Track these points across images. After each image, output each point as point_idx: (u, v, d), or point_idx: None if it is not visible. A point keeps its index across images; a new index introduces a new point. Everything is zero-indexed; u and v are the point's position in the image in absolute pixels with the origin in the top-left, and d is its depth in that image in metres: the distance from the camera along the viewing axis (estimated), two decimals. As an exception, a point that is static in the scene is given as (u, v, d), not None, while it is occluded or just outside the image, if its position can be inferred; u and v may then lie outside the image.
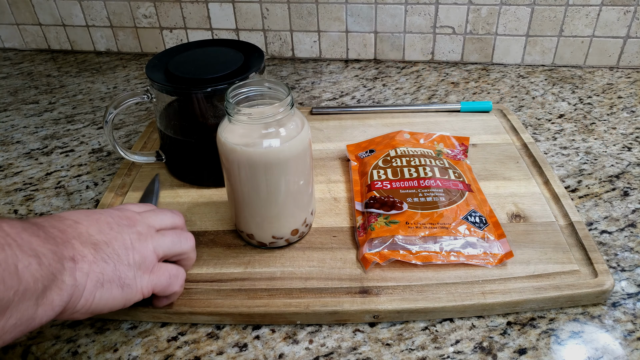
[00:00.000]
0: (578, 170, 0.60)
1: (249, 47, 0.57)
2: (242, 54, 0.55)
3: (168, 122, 0.56)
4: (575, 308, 0.43)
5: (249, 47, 0.57)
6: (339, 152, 0.63)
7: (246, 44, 0.58)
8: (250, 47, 0.57)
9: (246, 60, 0.54)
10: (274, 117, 0.42)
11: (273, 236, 0.47)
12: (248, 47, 0.57)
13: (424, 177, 0.52)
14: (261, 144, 0.42)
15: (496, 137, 0.64)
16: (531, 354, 0.39)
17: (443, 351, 0.40)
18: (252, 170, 0.43)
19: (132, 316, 0.43)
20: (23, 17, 0.96)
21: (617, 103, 0.73)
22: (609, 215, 0.53)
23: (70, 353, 0.41)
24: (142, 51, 0.97)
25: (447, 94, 0.78)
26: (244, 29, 0.90)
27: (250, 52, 0.56)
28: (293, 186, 0.45)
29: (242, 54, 0.55)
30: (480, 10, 0.81)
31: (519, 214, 0.51)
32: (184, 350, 0.41)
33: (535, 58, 0.85)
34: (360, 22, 0.86)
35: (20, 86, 0.87)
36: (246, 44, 0.58)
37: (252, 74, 0.52)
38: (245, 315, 0.42)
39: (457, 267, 0.45)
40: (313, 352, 0.41)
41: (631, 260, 0.47)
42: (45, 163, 0.66)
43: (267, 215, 0.46)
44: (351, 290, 0.44)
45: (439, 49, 0.87)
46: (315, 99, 0.79)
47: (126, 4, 0.91)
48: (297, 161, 0.44)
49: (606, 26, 0.79)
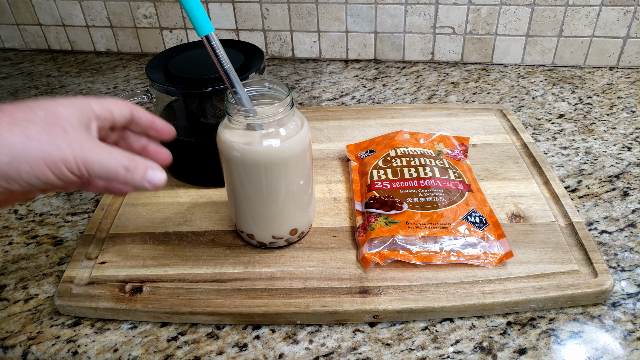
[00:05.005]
0: (578, 170, 0.60)
1: (249, 47, 0.57)
2: (242, 54, 0.55)
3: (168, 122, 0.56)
4: (575, 308, 0.43)
5: (249, 47, 0.57)
6: (339, 152, 0.63)
7: (246, 44, 0.58)
8: (250, 47, 0.57)
9: (246, 60, 0.54)
10: (274, 117, 0.42)
11: (273, 236, 0.47)
12: (248, 47, 0.58)
13: (424, 177, 0.52)
14: (261, 143, 0.42)
15: (496, 137, 0.64)
16: (531, 354, 0.39)
17: (443, 351, 0.40)
18: (252, 170, 0.43)
19: (132, 316, 0.43)
20: (23, 17, 0.96)
21: (617, 103, 0.73)
22: (609, 215, 0.53)
23: (70, 353, 0.41)
24: (142, 51, 0.97)
25: (447, 94, 0.78)
26: (244, 29, 0.90)
27: (250, 52, 0.56)
28: (293, 186, 0.45)
29: (242, 54, 0.55)
30: (480, 10, 0.81)
31: (518, 214, 0.51)
32: (184, 350, 0.41)
33: (535, 58, 0.85)
34: (360, 22, 0.86)
35: (20, 86, 0.87)
36: (246, 44, 0.58)
37: (252, 74, 0.52)
38: (245, 315, 0.43)
39: (457, 267, 0.45)
40: (313, 352, 0.41)
41: (631, 260, 0.47)
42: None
43: (267, 215, 0.46)
44: (351, 290, 0.44)
45: (439, 49, 0.87)
46: (315, 99, 0.79)
47: (126, 4, 0.91)
48: (297, 161, 0.44)
49: (606, 26, 0.79)
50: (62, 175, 0.33)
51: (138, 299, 0.43)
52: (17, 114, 0.32)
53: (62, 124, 0.33)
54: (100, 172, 0.34)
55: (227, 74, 0.42)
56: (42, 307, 0.45)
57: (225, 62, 0.41)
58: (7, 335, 0.43)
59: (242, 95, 0.42)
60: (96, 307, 0.43)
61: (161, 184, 0.37)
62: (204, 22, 0.40)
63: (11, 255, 0.51)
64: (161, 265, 0.47)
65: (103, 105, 0.37)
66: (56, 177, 0.33)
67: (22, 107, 0.33)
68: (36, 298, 0.46)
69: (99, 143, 0.35)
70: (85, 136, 0.34)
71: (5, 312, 0.45)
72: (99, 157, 0.34)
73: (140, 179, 0.36)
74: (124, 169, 0.35)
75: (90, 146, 0.34)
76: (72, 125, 0.33)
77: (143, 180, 0.36)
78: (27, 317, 0.45)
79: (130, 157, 0.35)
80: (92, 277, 0.46)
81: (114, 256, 0.48)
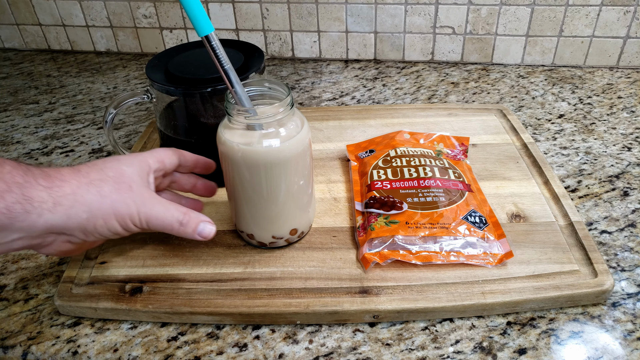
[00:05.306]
0: (578, 170, 0.60)
1: (249, 47, 0.57)
2: (242, 54, 0.55)
3: (168, 122, 0.56)
4: (575, 308, 0.43)
5: (249, 47, 0.57)
6: (339, 152, 0.63)
7: (246, 44, 0.58)
8: (250, 47, 0.57)
9: (246, 60, 0.54)
10: (274, 117, 0.42)
11: (273, 236, 0.47)
12: (248, 47, 0.58)
13: (424, 177, 0.52)
14: (261, 143, 0.42)
15: (496, 137, 0.64)
16: (531, 354, 0.39)
17: (443, 351, 0.40)
18: (252, 170, 0.43)
19: (132, 316, 0.43)
20: (23, 17, 0.96)
21: (617, 103, 0.73)
22: (609, 215, 0.53)
23: (70, 353, 0.41)
24: (142, 51, 0.97)
25: (447, 94, 0.78)
26: (244, 29, 0.90)
27: (250, 52, 0.56)
28: (293, 186, 0.45)
29: (242, 54, 0.55)
30: (480, 10, 0.81)
31: (518, 214, 0.51)
32: (184, 350, 0.41)
33: (535, 58, 0.85)
34: (360, 22, 0.86)
35: (20, 86, 0.87)
36: (246, 44, 0.58)
37: (252, 74, 0.52)
38: (245, 315, 0.42)
39: (457, 267, 0.45)
40: (313, 352, 0.41)
41: (631, 260, 0.47)
42: (45, 163, 0.66)
43: (267, 215, 0.46)
44: (351, 290, 0.44)
45: (439, 49, 0.87)
46: (315, 99, 0.79)
47: (126, 4, 0.91)
48: (297, 161, 0.44)
49: (606, 26, 0.79)
50: (127, 227, 0.39)
51: (138, 299, 0.43)
52: (92, 174, 0.37)
53: (128, 182, 0.38)
54: (157, 226, 0.40)
55: (227, 74, 0.42)
56: (42, 307, 0.45)
57: (226, 62, 0.41)
58: (7, 335, 0.43)
59: (242, 96, 0.42)
60: (96, 307, 0.43)
61: (211, 236, 0.42)
62: (204, 22, 0.40)
63: (11, 255, 0.51)
64: (161, 265, 0.47)
65: (157, 159, 0.43)
66: (122, 229, 0.39)
67: (96, 168, 0.38)
68: (36, 298, 0.46)
69: (158, 198, 0.40)
70: (146, 192, 0.40)
71: (5, 312, 0.45)
72: (157, 213, 0.39)
73: (191, 232, 0.41)
74: (178, 223, 0.40)
75: (151, 202, 0.39)
76: (135, 182, 0.39)
77: (194, 233, 0.41)
78: (27, 317, 0.45)
79: (185, 212, 0.41)
80: (92, 277, 0.46)
81: (114, 256, 0.48)
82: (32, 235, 0.35)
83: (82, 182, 0.36)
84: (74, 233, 0.37)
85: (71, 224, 0.36)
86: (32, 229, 0.34)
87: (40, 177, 0.35)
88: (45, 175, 0.35)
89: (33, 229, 0.34)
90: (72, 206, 0.35)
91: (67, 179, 0.36)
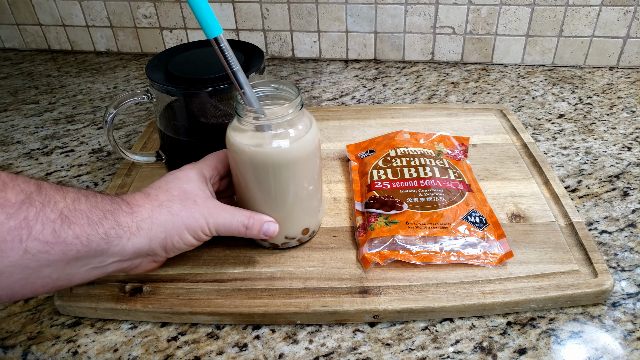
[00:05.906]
0: (578, 170, 0.60)
1: (249, 47, 0.57)
2: (242, 54, 0.55)
3: (168, 122, 0.56)
4: (575, 308, 0.43)
5: (249, 47, 0.57)
6: (339, 152, 0.63)
7: (246, 44, 0.58)
8: (250, 47, 0.57)
9: (246, 60, 0.54)
10: (283, 118, 0.42)
11: (286, 237, 0.47)
12: (248, 47, 0.57)
13: (424, 177, 0.52)
14: (270, 144, 0.42)
15: (496, 137, 0.64)
16: (531, 354, 0.39)
17: (443, 351, 0.40)
18: (262, 171, 0.43)
19: (132, 316, 0.43)
20: (23, 17, 0.96)
21: (617, 103, 0.73)
22: (609, 215, 0.53)
23: (70, 353, 0.41)
24: (142, 51, 0.98)
25: (447, 94, 0.78)
26: (244, 29, 0.91)
27: (250, 52, 0.56)
28: (303, 186, 0.45)
29: (242, 54, 0.55)
30: (480, 10, 0.81)
31: (518, 214, 0.51)
32: (184, 350, 0.41)
33: (535, 58, 0.85)
34: (360, 22, 0.86)
35: (20, 86, 0.87)
36: (246, 44, 0.58)
37: (252, 74, 0.52)
38: (245, 315, 0.43)
39: (457, 267, 0.45)
40: (313, 352, 0.41)
41: (631, 260, 0.47)
42: (45, 163, 0.66)
43: (280, 216, 0.45)
44: (351, 290, 0.44)
45: (439, 49, 0.87)
46: (315, 99, 0.79)
47: (126, 4, 0.91)
48: (306, 161, 0.44)
49: (606, 26, 0.79)
50: (199, 238, 0.41)
51: (138, 299, 0.43)
52: (161, 196, 0.40)
53: (192, 198, 0.41)
54: (225, 232, 0.42)
55: (236, 76, 0.42)
56: (42, 307, 0.45)
57: (234, 63, 0.41)
58: (7, 335, 0.43)
59: (251, 97, 0.43)
60: (96, 307, 0.43)
61: (274, 235, 0.44)
62: (213, 24, 0.40)
63: (11, 255, 0.51)
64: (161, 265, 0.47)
65: (210, 167, 0.45)
66: (196, 240, 0.41)
67: (162, 190, 0.41)
68: (36, 298, 0.46)
69: (222, 206, 0.42)
70: (210, 203, 0.42)
71: (5, 312, 0.45)
72: (224, 220, 0.42)
73: (257, 233, 0.43)
74: (244, 227, 0.43)
75: (216, 211, 0.42)
76: (199, 196, 0.42)
77: (259, 234, 0.43)
78: (27, 317, 0.45)
79: (249, 215, 0.43)
80: (92, 277, 0.46)
81: (114, 256, 0.48)
82: (123, 259, 0.38)
83: (154, 205, 0.39)
84: (157, 252, 0.40)
85: (153, 244, 0.39)
86: (124, 253, 0.37)
87: (122, 204, 0.38)
88: (124, 202, 0.38)
89: (124, 252, 0.37)
90: (150, 228, 0.38)
91: (141, 204, 0.39)
